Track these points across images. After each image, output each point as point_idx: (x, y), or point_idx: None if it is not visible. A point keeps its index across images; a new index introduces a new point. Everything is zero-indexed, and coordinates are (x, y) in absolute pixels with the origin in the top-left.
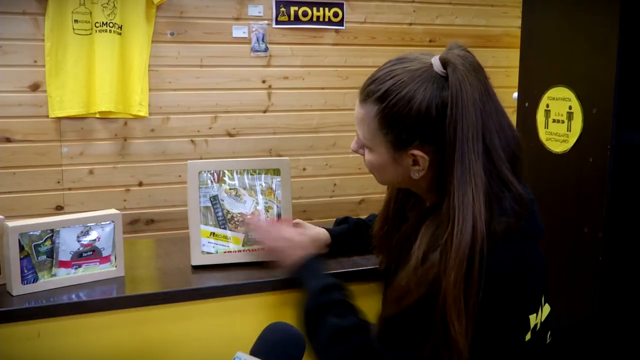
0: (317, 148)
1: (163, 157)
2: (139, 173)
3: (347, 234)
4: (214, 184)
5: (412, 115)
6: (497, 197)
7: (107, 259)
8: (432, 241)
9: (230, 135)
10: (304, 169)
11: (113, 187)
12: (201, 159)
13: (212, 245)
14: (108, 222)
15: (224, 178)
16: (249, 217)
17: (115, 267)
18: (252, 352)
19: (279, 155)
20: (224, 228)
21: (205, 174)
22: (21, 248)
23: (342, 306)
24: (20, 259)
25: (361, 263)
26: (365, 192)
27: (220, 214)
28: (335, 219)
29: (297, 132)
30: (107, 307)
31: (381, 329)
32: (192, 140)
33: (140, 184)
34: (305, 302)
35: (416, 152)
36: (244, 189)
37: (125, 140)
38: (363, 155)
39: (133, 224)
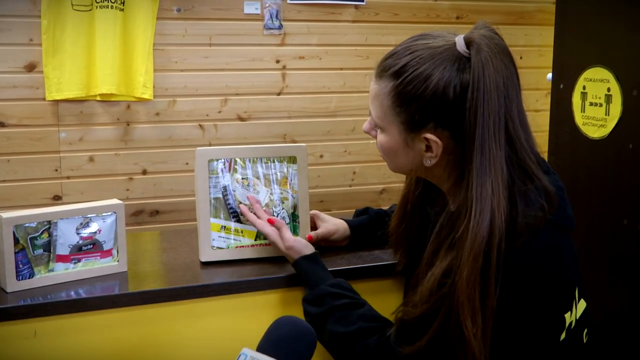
0: (335, 133)
1: (169, 143)
2: (142, 160)
3: (368, 226)
4: (225, 173)
5: (428, 94)
6: (520, 190)
7: (108, 252)
8: (449, 266)
9: (241, 119)
10: (321, 156)
11: (115, 176)
12: (210, 145)
13: (222, 240)
14: (109, 213)
15: (236, 167)
16: (241, 205)
17: (117, 261)
18: (259, 349)
19: (294, 141)
20: (236, 221)
21: (215, 162)
22: (16, 241)
23: (343, 309)
24: (15, 253)
25: (382, 257)
26: (387, 180)
27: (232, 205)
28: (354, 210)
29: (314, 116)
30: (109, 305)
31: (399, 328)
32: (200, 125)
33: (144, 172)
34: (305, 312)
35: (429, 135)
36: (257, 178)
37: (128, 124)
38: (375, 137)
39: (136, 215)
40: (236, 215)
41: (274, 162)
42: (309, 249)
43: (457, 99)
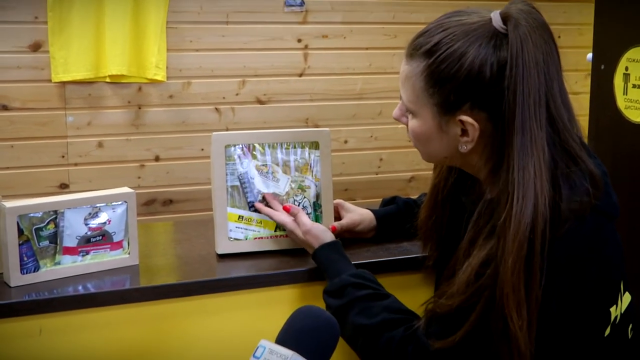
0: (360, 117)
1: (183, 128)
2: (155, 146)
3: (395, 216)
4: (243, 160)
5: (463, 73)
6: (564, 173)
7: (118, 244)
8: (489, 256)
9: (260, 102)
10: (346, 142)
11: (125, 162)
12: (227, 129)
13: (240, 231)
14: (120, 203)
15: (255, 153)
16: (257, 203)
17: (128, 254)
18: (279, 341)
19: (317, 126)
20: (255, 211)
21: (232, 148)
22: (20, 232)
23: (366, 300)
24: (19, 245)
25: (411, 250)
26: (415, 168)
27: (250, 194)
28: (381, 199)
29: (338, 99)
30: (119, 301)
31: (429, 320)
32: (216, 109)
33: (157, 159)
34: (326, 305)
35: (465, 118)
36: (277, 165)
37: (140, 108)
38: (406, 124)
39: (148, 205)
40: (255, 205)
41: (295, 147)
42: (329, 236)
43: (494, 78)
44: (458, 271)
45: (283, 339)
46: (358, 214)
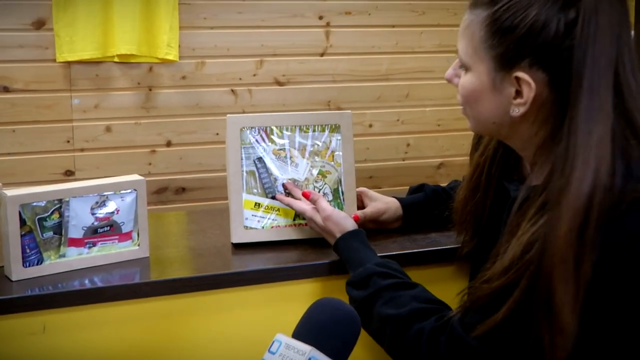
0: (386, 100)
1: (197, 111)
2: (167, 130)
3: (423, 205)
4: (260, 144)
5: (526, 24)
6: (622, 145)
7: (127, 235)
8: (539, 230)
9: (279, 83)
10: (370, 126)
11: (135, 148)
12: (243, 112)
13: (257, 219)
14: (129, 191)
15: (272, 136)
16: (278, 194)
17: (138, 246)
18: (296, 335)
19: (339, 109)
20: (272, 198)
21: (248, 131)
22: (22, 222)
23: (393, 290)
24: (22, 236)
25: (440, 241)
26: (445, 154)
27: (267, 180)
28: (408, 187)
29: (362, 81)
30: (128, 295)
31: (466, 310)
32: (232, 90)
33: (169, 144)
34: (350, 298)
35: (522, 75)
36: (296, 149)
37: (150, 89)
38: (455, 84)
39: (160, 193)
40: (273, 192)
41: (314, 131)
42: (351, 224)
43: (559, 35)
44: (501, 255)
45: (300, 333)
46: (383, 203)
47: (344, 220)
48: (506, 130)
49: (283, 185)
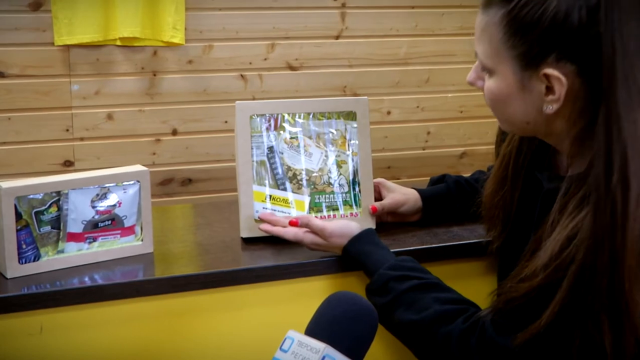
0: (405, 85)
1: (204, 97)
2: (172, 118)
3: (444, 197)
4: (271, 132)
5: (547, 18)
6: None
7: (130, 230)
8: (578, 225)
9: (291, 68)
10: (389, 113)
11: (138, 137)
12: (254, 99)
13: (268, 212)
14: (132, 182)
15: (284, 124)
16: (262, 225)
17: (141, 241)
18: (309, 331)
19: (355, 95)
20: (284, 189)
21: (258, 119)
22: (18, 216)
23: (413, 292)
24: (17, 231)
25: (463, 235)
26: (468, 142)
27: (279, 170)
28: (429, 178)
29: (379, 65)
30: (131, 294)
31: (499, 310)
32: (241, 75)
33: (174, 132)
34: (371, 303)
35: (550, 71)
36: (310, 138)
37: (155, 75)
38: (482, 88)
39: (165, 185)
40: (284, 183)
41: (329, 118)
42: (354, 227)
43: (583, 23)
44: (537, 252)
45: (314, 330)
46: (402, 194)
47: (346, 228)
48: (542, 128)
49: (259, 217)
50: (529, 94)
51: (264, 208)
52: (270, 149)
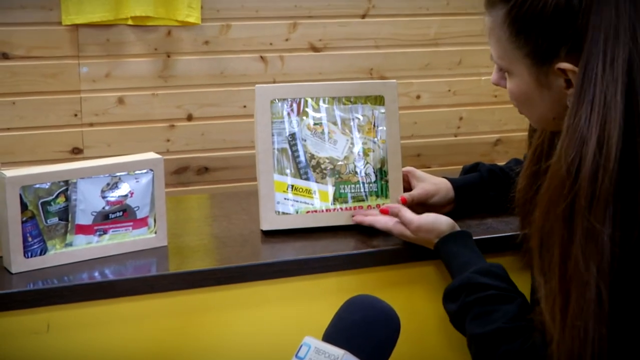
0: (435, 67)
1: (221, 80)
2: (187, 102)
3: (478, 186)
4: (293, 118)
5: (549, 10)
6: None
7: (143, 222)
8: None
9: (314, 49)
10: (418, 97)
11: (151, 122)
12: (274, 82)
13: (290, 203)
14: (145, 171)
15: (307, 109)
16: (355, 217)
17: (155, 233)
18: (327, 337)
19: (383, 78)
20: (307, 179)
21: (279, 104)
22: (24, 207)
23: (483, 305)
24: (23, 223)
25: (498, 228)
26: (503, 128)
27: (301, 159)
28: (462, 167)
29: (408, 46)
30: (143, 290)
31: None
32: (261, 57)
33: (190, 118)
34: (445, 309)
35: (564, 65)
36: (334, 124)
37: (169, 56)
38: (505, 87)
39: (179, 174)
40: (307, 172)
41: (355, 103)
42: (445, 224)
43: (584, 8)
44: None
45: (331, 336)
46: (432, 184)
47: (437, 224)
48: None
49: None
50: (549, 90)
51: (285, 199)
52: (293, 135)
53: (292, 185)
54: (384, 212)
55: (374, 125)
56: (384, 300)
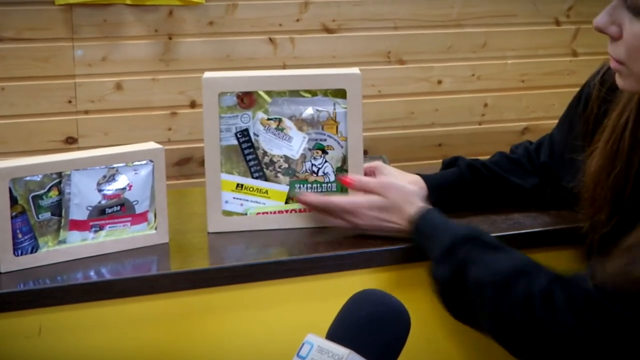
0: (458, 50)
1: (227, 64)
2: (190, 88)
3: (456, 185)
4: (244, 112)
5: None
6: None
7: (142, 217)
8: None
9: (328, 30)
10: (439, 82)
11: (152, 110)
12: (284, 66)
13: (239, 203)
14: (144, 162)
15: (260, 102)
16: (300, 194)
17: (155, 229)
18: (331, 335)
19: (401, 61)
20: (258, 177)
21: (229, 97)
22: (13, 201)
23: (484, 253)
24: (12, 218)
25: (525, 223)
26: (531, 116)
27: (252, 157)
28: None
29: (428, 27)
30: (144, 290)
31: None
32: (270, 39)
33: (193, 105)
34: (435, 281)
35: None
36: (291, 119)
37: (170, 38)
38: (614, 35)
39: (181, 165)
40: (259, 170)
41: (314, 95)
42: (418, 198)
43: None
44: None
45: (336, 334)
46: (401, 183)
47: (411, 197)
48: None
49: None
50: None
51: (234, 198)
52: (243, 132)
53: (242, 184)
54: (346, 182)
55: (335, 121)
56: (394, 296)
